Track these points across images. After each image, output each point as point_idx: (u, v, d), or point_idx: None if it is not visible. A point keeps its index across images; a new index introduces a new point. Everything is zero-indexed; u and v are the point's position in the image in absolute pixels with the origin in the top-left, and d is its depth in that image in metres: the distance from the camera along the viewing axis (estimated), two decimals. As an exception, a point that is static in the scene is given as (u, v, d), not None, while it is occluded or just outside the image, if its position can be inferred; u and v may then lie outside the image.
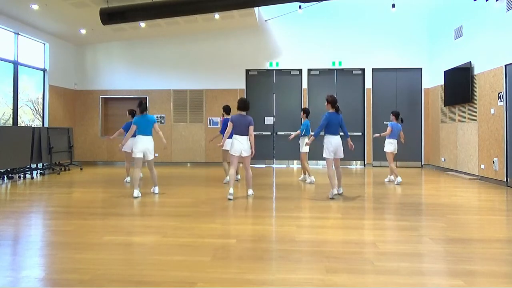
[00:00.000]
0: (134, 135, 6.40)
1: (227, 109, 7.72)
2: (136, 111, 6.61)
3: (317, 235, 4.03)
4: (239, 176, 8.06)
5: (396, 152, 7.91)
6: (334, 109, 6.16)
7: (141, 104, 6.27)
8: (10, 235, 4.02)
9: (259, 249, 3.54)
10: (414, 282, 2.77)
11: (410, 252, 3.44)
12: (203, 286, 2.69)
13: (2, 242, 3.75)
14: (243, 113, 6.16)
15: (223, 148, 7.35)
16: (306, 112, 8.02)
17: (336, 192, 6.15)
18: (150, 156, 6.19)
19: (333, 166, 6.12)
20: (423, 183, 8.07)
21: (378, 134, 8.23)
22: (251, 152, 6.08)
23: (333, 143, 6.04)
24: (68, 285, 2.73)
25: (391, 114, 8.05)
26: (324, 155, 6.11)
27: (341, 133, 6.24)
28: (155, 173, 6.46)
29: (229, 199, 5.88)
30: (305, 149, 7.73)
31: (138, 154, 6.09)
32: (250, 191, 6.27)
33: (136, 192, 6.09)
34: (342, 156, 6.17)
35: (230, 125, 6.15)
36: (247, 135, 6.06)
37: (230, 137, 6.76)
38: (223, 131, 7.42)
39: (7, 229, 4.22)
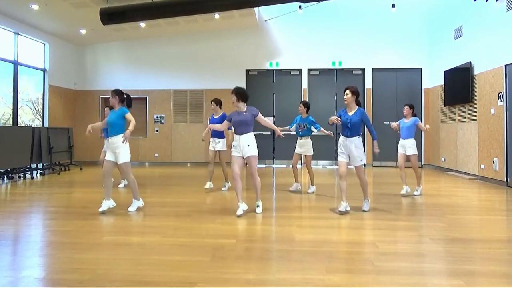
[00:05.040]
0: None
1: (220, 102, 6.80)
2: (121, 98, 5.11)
3: (317, 235, 4.03)
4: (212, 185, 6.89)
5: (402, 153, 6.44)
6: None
7: (120, 93, 5.07)
8: (10, 235, 4.02)
9: (259, 249, 3.54)
10: (414, 282, 2.77)
11: (410, 252, 3.44)
12: (203, 286, 2.69)
13: (2, 242, 3.75)
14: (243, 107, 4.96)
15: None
16: (307, 106, 6.78)
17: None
18: (119, 160, 5.01)
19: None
20: (423, 183, 8.06)
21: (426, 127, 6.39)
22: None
23: None
24: (68, 285, 2.73)
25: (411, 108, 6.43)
26: None
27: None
28: (132, 182, 5.10)
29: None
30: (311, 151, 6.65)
31: (107, 157, 5.06)
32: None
33: (105, 204, 4.96)
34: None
35: (227, 124, 5.15)
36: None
37: (223, 136, 6.59)
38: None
39: (7, 229, 4.22)
